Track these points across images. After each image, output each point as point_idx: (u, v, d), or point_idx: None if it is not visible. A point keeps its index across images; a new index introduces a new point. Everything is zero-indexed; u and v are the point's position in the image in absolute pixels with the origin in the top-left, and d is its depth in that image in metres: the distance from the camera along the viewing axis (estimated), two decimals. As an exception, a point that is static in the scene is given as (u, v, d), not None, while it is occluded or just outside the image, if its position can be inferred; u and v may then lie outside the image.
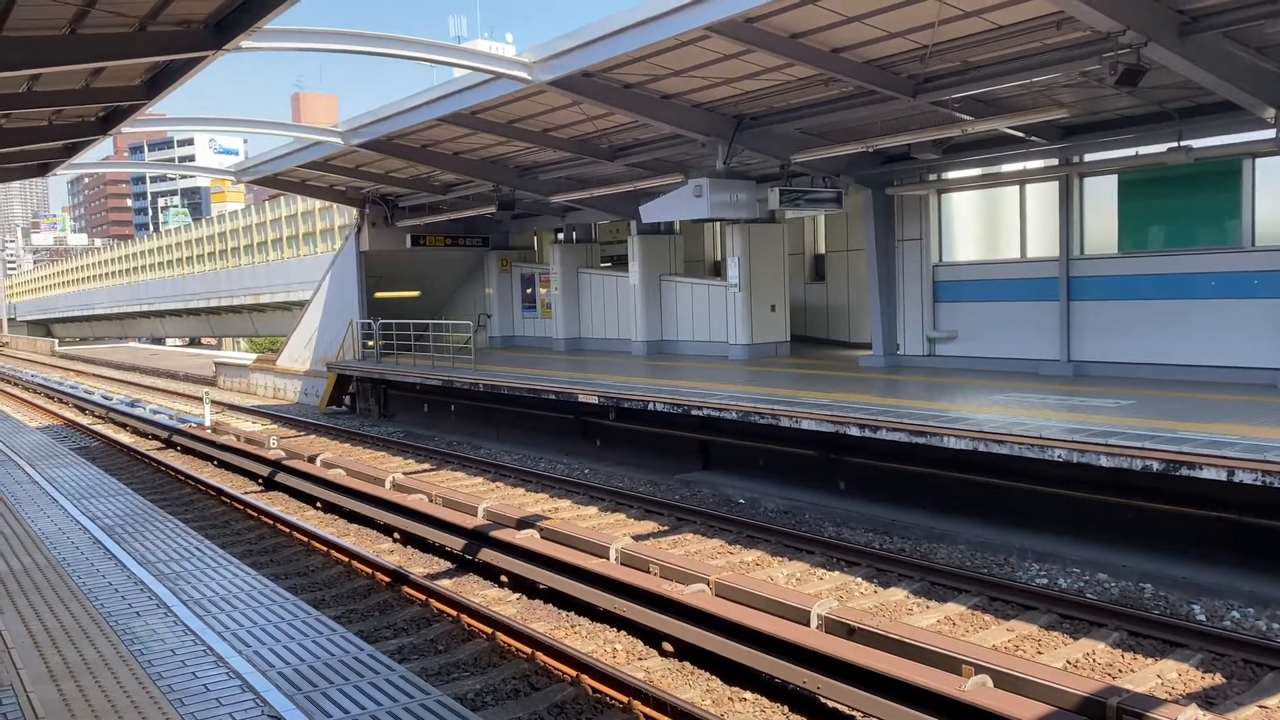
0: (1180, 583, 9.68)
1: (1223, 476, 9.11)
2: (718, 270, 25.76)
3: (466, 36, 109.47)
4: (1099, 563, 10.35)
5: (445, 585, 10.08)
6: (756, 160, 18.16)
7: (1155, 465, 9.57)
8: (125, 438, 22.06)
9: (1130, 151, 15.24)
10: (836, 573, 10.50)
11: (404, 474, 15.40)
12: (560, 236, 27.25)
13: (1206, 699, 7.13)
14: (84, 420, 25.47)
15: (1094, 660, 7.99)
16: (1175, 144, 14.18)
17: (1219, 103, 13.06)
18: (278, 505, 14.57)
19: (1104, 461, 9.94)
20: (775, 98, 15.68)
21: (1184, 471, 9.38)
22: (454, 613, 9.19)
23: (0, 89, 12.15)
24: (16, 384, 37.09)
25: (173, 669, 5.52)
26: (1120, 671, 7.73)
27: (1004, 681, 6.44)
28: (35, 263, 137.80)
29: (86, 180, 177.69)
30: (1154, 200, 15.44)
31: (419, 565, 11.25)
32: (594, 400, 16.58)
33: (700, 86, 15.35)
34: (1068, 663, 7.90)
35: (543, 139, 19.24)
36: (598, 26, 13.72)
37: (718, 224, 24.62)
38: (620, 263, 26.05)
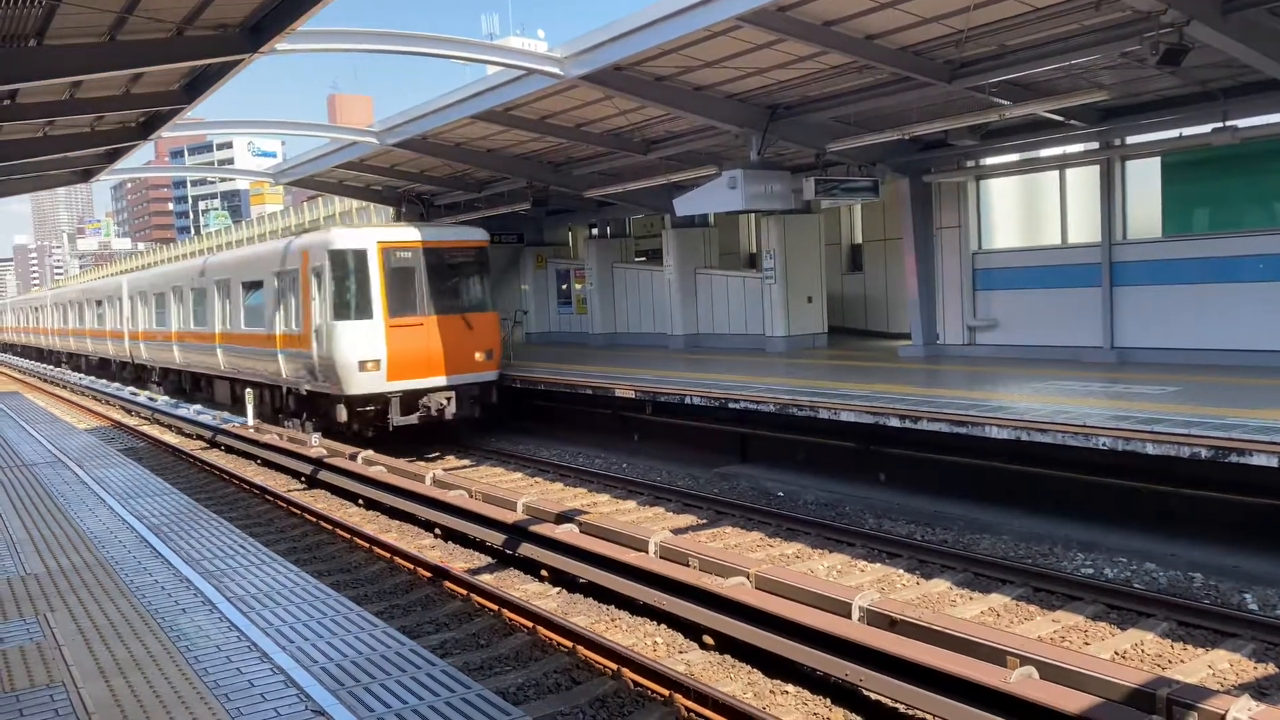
0: (1231, 571, 9.49)
1: (1274, 463, 8.92)
2: (753, 262, 25.65)
3: (499, 34, 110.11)
4: (1146, 552, 10.18)
5: (486, 580, 10.13)
6: (791, 150, 18.06)
7: (1204, 452, 9.39)
8: (170, 438, 22.41)
9: (1173, 133, 14.96)
10: (878, 565, 10.42)
11: (444, 470, 15.48)
12: (594, 232, 27.27)
13: (1260, 689, 6.99)
14: (130, 421, 25.90)
15: (1143, 651, 7.85)
16: (1220, 124, 13.90)
17: (1265, 81, 12.76)
18: (320, 503, 14.73)
19: (1150, 449, 9.77)
20: (809, 87, 15.56)
21: (1233, 458, 9.19)
22: (495, 607, 9.24)
23: (43, 97, 12.39)
24: (65, 386, 37.79)
25: (218, 665, 5.59)
26: (1170, 662, 7.60)
27: (1050, 673, 6.35)
28: (81, 267, 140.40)
29: (129, 185, 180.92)
30: (1199, 182, 15.15)
31: (460, 560, 11.31)
32: (631, 394, 16.57)
33: (733, 77, 15.27)
34: (1115, 654, 7.77)
35: (575, 134, 19.26)
36: (629, 20, 13.70)
37: (753, 216, 24.52)
38: (655, 257, 26.02)
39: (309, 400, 19.24)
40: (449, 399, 17.71)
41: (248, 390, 22.04)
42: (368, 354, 17.06)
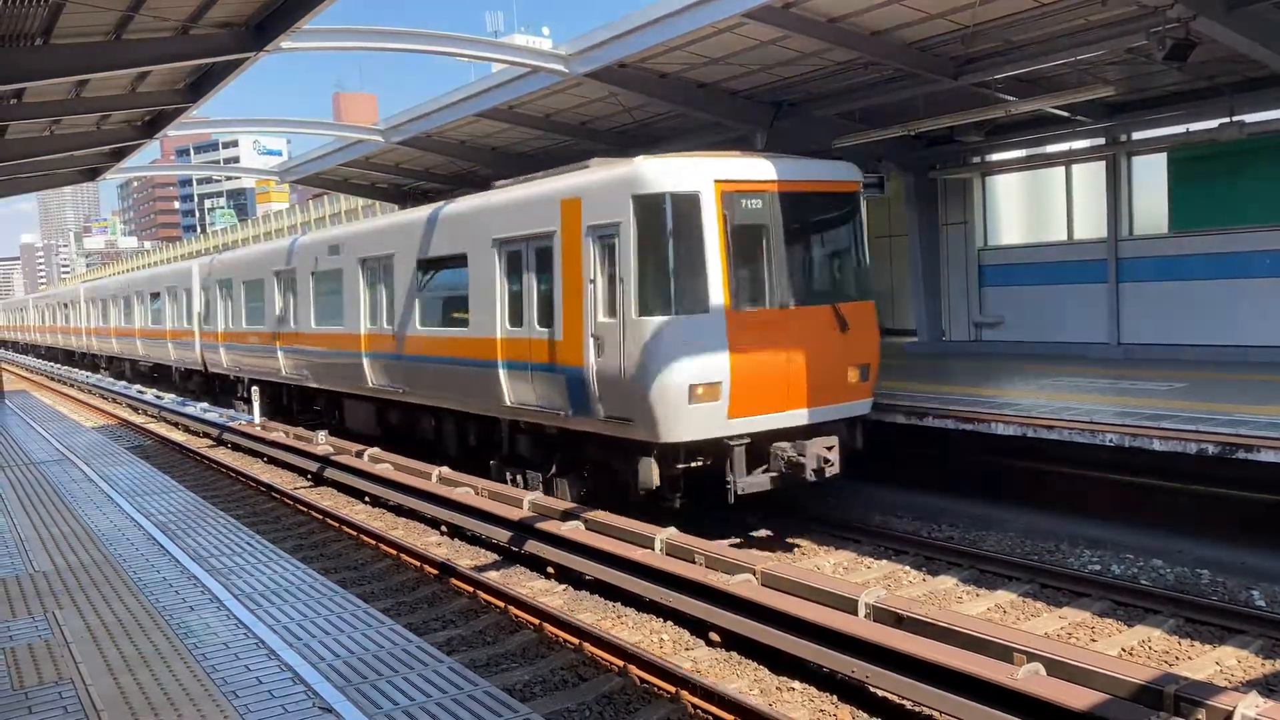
0: (1238, 568, 9.46)
1: (1281, 459, 8.90)
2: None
3: (503, 31, 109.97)
4: (1153, 548, 10.15)
5: (492, 577, 10.14)
6: (796, 147, 18.02)
7: (1211, 449, 9.37)
8: (177, 436, 22.46)
9: (1180, 128, 14.93)
10: (884, 561, 10.41)
11: (450, 468, 15.50)
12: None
13: (1267, 686, 6.98)
14: (137, 420, 25.97)
15: (1150, 648, 7.84)
16: (1227, 119, 13.85)
17: (1272, 76, 12.72)
18: (326, 500, 14.75)
19: (1157, 446, 9.74)
20: (814, 83, 15.54)
21: (1241, 455, 9.16)
22: (501, 604, 9.25)
23: (49, 96, 12.42)
24: (73, 385, 37.90)
25: (226, 662, 5.61)
26: (1177, 659, 7.59)
27: (1057, 669, 6.34)
28: (88, 266, 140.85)
29: (135, 184, 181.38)
30: (1205, 178, 15.11)
31: (466, 558, 11.33)
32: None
33: (737, 74, 15.26)
34: (1123, 650, 7.76)
35: (580, 132, 19.26)
36: (634, 17, 13.69)
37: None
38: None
39: (560, 444, 12.34)
40: (831, 448, 10.72)
41: (253, 387, 21.94)
42: (702, 372, 10.12)
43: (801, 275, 11.24)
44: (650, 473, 10.64)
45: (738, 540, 11.12)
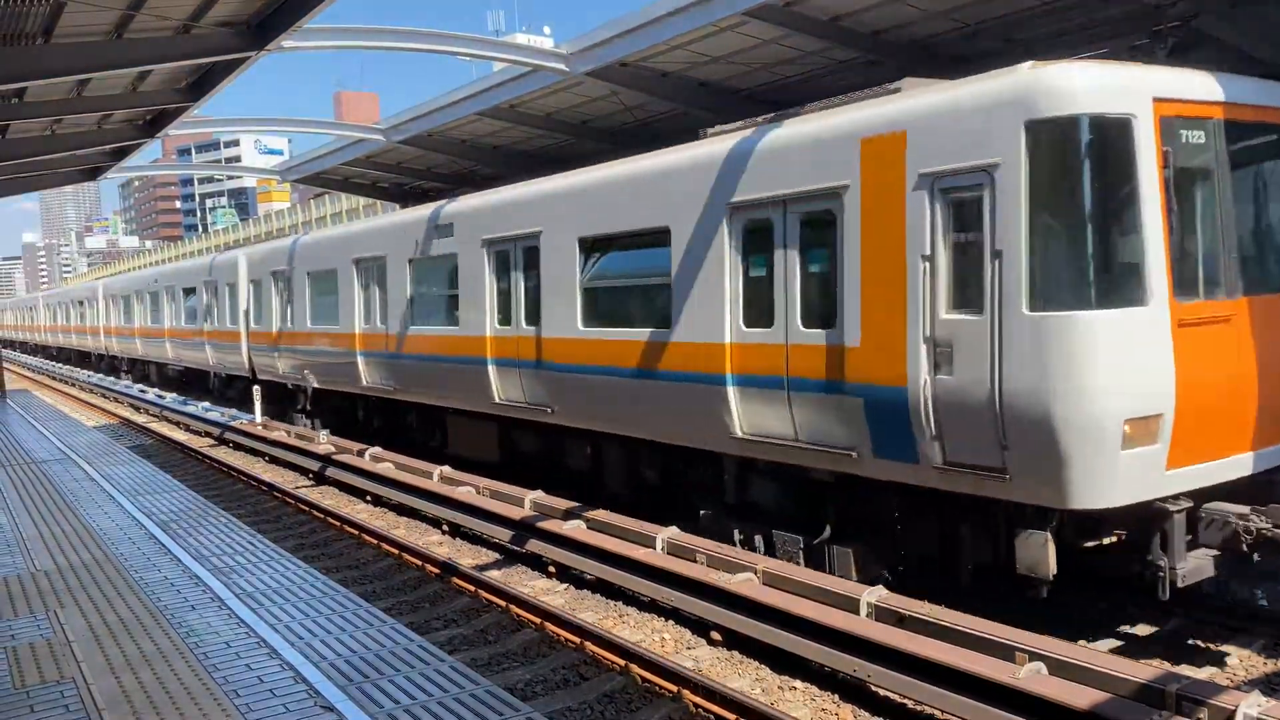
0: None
1: (1284, 457, 8.85)
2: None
3: (504, 30, 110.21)
4: (1155, 547, 10.12)
5: (494, 576, 10.14)
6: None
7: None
8: (179, 435, 22.48)
9: (1182, 127, 14.87)
10: (885, 560, 10.37)
11: (451, 467, 15.51)
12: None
13: (1269, 685, 6.97)
14: (139, 419, 25.99)
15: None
16: (1229, 118, 13.82)
17: (1275, 75, 12.70)
18: (328, 499, 14.76)
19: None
20: (815, 82, 15.52)
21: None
22: (503, 603, 9.25)
23: (49, 95, 12.43)
24: (74, 384, 37.92)
25: (227, 661, 5.61)
26: (1179, 658, 7.57)
27: (1059, 669, 6.34)
28: (89, 265, 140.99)
29: (136, 184, 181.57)
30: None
31: (468, 557, 11.33)
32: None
33: (739, 73, 15.24)
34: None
35: (582, 131, 19.26)
36: (635, 16, 13.68)
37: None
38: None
39: (834, 496, 9.03)
40: None
41: (255, 386, 21.93)
42: (1137, 400, 6.87)
43: (1254, 247, 7.88)
44: (1044, 554, 7.24)
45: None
